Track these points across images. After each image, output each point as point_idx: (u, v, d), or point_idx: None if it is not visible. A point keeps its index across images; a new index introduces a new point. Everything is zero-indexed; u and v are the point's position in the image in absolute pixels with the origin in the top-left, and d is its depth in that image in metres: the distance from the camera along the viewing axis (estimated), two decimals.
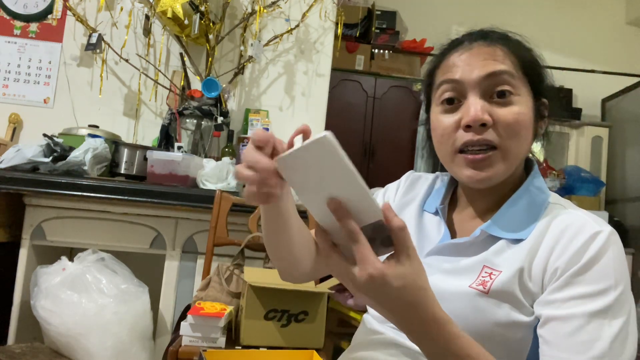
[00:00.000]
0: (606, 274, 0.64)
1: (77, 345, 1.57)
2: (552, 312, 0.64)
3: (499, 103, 0.70)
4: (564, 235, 0.67)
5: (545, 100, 0.76)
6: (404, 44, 3.76)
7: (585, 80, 3.69)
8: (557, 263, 0.66)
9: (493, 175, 0.71)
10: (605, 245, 0.65)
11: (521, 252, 0.69)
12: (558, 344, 0.63)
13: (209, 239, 1.70)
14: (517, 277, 0.67)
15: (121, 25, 2.42)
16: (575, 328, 0.62)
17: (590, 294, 0.63)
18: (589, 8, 4.07)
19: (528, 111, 0.72)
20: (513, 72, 0.71)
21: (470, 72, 0.71)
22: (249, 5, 2.47)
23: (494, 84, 0.70)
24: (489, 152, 0.70)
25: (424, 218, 0.83)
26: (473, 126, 0.69)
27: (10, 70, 2.42)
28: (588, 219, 0.68)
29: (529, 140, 0.73)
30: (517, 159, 0.72)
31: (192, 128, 2.25)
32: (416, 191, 0.88)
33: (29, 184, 1.74)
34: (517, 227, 0.71)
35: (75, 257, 1.70)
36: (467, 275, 0.71)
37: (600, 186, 3.45)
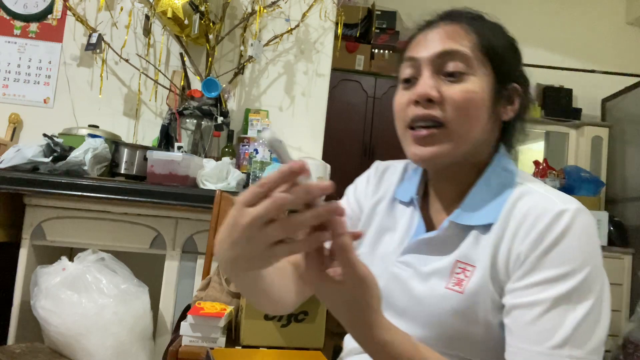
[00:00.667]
0: (570, 255, 0.61)
1: (77, 345, 1.57)
2: (514, 300, 0.62)
3: (451, 81, 0.69)
4: (526, 219, 0.65)
5: (516, 85, 0.73)
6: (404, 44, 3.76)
7: (585, 80, 3.69)
8: (520, 248, 0.64)
9: (437, 152, 0.69)
10: (569, 224, 0.62)
11: (490, 241, 0.67)
12: (519, 334, 0.61)
13: (209, 239, 1.70)
14: (489, 270, 0.66)
15: (121, 25, 2.42)
16: (536, 316, 0.60)
17: (553, 279, 0.60)
18: (589, 8, 4.07)
19: (481, 91, 0.69)
20: (467, 53, 0.69)
21: (426, 50, 0.71)
22: (249, 5, 2.47)
23: (445, 62, 0.69)
24: (434, 129, 0.69)
25: (397, 210, 0.81)
26: (420, 101, 0.69)
27: (10, 70, 2.42)
28: (553, 198, 0.65)
29: (481, 121, 0.70)
30: (465, 139, 0.69)
31: (192, 128, 2.25)
32: (387, 184, 0.85)
33: (29, 184, 1.74)
34: (485, 213, 0.69)
35: (75, 257, 1.70)
36: (442, 275, 0.69)
37: (600, 186, 3.45)
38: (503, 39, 0.74)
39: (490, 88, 0.70)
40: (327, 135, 2.55)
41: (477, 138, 0.70)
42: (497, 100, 0.71)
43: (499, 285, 0.65)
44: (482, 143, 0.72)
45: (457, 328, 0.66)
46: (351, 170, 4.28)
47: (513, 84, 0.73)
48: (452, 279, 0.68)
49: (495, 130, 0.74)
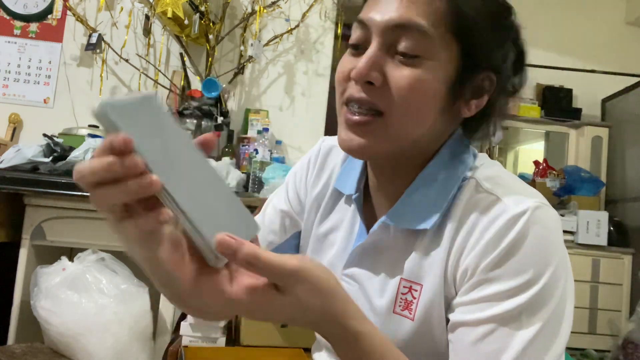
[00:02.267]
0: (525, 265, 0.51)
1: (77, 345, 1.57)
2: (458, 316, 0.54)
3: (401, 62, 0.55)
4: (477, 225, 0.55)
5: (489, 75, 0.58)
6: None
7: (585, 80, 3.69)
8: (467, 260, 0.54)
9: (367, 145, 0.56)
10: (524, 230, 0.52)
11: (439, 250, 0.57)
12: (461, 353, 0.53)
13: None
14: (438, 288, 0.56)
15: (121, 25, 2.42)
16: (480, 336, 0.51)
17: (503, 293, 0.51)
18: (589, 8, 4.07)
19: (435, 81, 0.55)
20: (427, 29, 0.53)
21: (380, 15, 0.55)
22: (249, 5, 2.47)
23: (397, 37, 0.54)
24: (369, 116, 0.56)
25: (339, 205, 0.69)
26: (359, 81, 0.56)
27: (10, 70, 2.42)
28: (506, 200, 0.54)
29: (428, 116, 0.56)
30: (404, 134, 0.57)
31: (192, 128, 2.25)
32: (329, 170, 0.72)
33: (29, 184, 1.74)
34: (424, 214, 0.58)
35: (75, 257, 1.70)
36: (388, 295, 0.60)
37: (600, 186, 3.45)
38: (488, 10, 0.57)
39: (450, 78, 0.56)
40: (327, 135, 2.54)
41: (420, 134, 0.57)
42: (458, 92, 0.57)
43: (447, 302, 0.56)
44: (430, 140, 0.60)
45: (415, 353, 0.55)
46: None
47: (486, 73, 0.58)
48: (399, 302, 0.59)
49: (449, 127, 0.61)
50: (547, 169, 3.50)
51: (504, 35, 0.59)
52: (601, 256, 2.96)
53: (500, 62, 0.59)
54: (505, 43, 0.60)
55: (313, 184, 0.72)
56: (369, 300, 0.61)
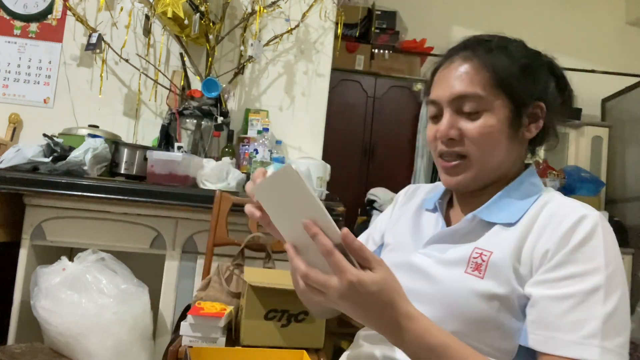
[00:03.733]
0: (596, 254, 0.66)
1: (77, 345, 1.57)
2: (543, 291, 0.66)
3: (468, 118, 0.77)
4: (553, 219, 0.71)
5: (539, 104, 0.78)
6: (404, 44, 3.76)
7: (585, 80, 3.68)
8: (546, 245, 0.69)
9: (463, 180, 0.79)
10: (593, 227, 0.68)
11: (512, 235, 0.73)
12: (549, 323, 0.64)
13: (209, 239, 1.70)
14: (509, 259, 0.70)
15: (121, 25, 2.42)
16: (568, 307, 0.64)
17: (582, 273, 0.65)
18: (589, 8, 4.07)
19: (497, 123, 0.76)
20: (480, 94, 0.75)
21: (443, 92, 0.78)
22: (249, 5, 2.47)
23: (461, 103, 0.76)
24: (458, 160, 0.78)
25: (423, 216, 0.88)
26: (444, 139, 0.78)
27: (10, 70, 2.42)
28: (577, 204, 0.73)
29: (500, 148, 0.77)
30: (486, 166, 0.77)
31: (192, 128, 2.25)
32: (415, 199, 0.94)
33: (29, 184, 1.74)
34: (508, 213, 0.76)
35: (75, 257, 1.70)
36: (461, 261, 0.74)
37: (600, 186, 3.45)
38: (519, 64, 0.77)
39: (508, 116, 0.76)
40: (327, 135, 2.55)
41: (499, 162, 0.78)
42: (517, 124, 0.77)
43: (519, 277, 0.70)
44: (508, 163, 0.79)
45: (472, 312, 0.70)
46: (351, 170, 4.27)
47: (534, 104, 0.78)
48: (471, 265, 0.73)
49: (521, 148, 0.81)
50: (547, 169, 3.50)
51: (537, 73, 0.79)
52: None
53: (542, 93, 0.79)
54: (541, 78, 0.80)
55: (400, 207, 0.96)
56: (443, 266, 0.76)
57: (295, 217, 0.59)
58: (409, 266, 0.80)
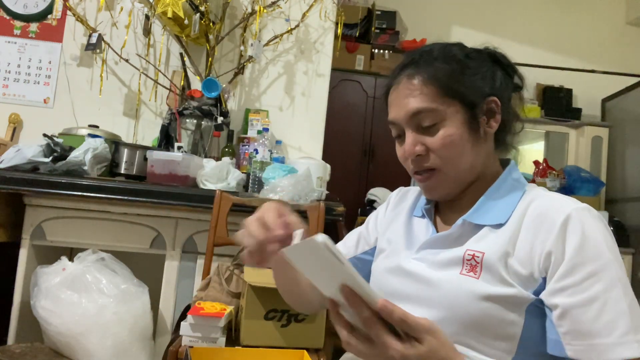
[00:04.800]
0: (600, 248, 0.68)
1: (77, 345, 1.57)
2: (567, 299, 0.67)
3: (428, 132, 0.78)
4: (543, 219, 0.72)
5: (491, 99, 0.80)
6: (404, 44, 3.76)
7: (585, 80, 3.69)
8: (546, 247, 0.70)
9: (440, 190, 0.82)
10: (587, 220, 0.70)
11: (503, 235, 0.74)
12: (585, 331, 0.65)
13: (209, 239, 1.70)
14: (502, 259, 0.72)
15: (121, 25, 2.42)
16: (597, 311, 0.65)
17: (596, 272, 0.66)
18: (589, 8, 4.07)
19: (456, 130, 0.77)
20: (432, 106, 0.77)
21: (398, 112, 0.81)
22: (249, 5, 2.47)
23: (418, 120, 0.78)
24: (430, 173, 0.80)
25: (413, 223, 0.90)
26: (412, 158, 0.80)
27: (10, 70, 2.42)
28: (562, 200, 0.74)
29: (467, 152, 0.78)
30: (459, 172, 0.79)
31: (192, 128, 2.25)
32: (405, 203, 0.95)
33: (29, 184, 1.74)
34: (496, 214, 0.77)
35: (75, 257, 1.70)
36: (455, 263, 0.75)
37: (600, 186, 3.46)
38: (461, 67, 0.79)
39: (465, 120, 0.78)
40: (327, 135, 2.55)
41: (470, 165, 0.80)
42: (476, 125, 0.79)
43: (516, 275, 0.71)
44: (479, 163, 0.81)
45: (471, 313, 0.71)
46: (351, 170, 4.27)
47: (487, 100, 0.80)
48: (465, 266, 0.74)
49: (489, 144, 0.82)
50: (547, 169, 3.51)
51: (482, 71, 0.80)
52: None
53: (491, 87, 0.80)
54: (487, 74, 0.80)
55: (392, 210, 0.97)
56: (437, 269, 0.77)
57: (331, 280, 0.58)
58: (405, 272, 0.81)
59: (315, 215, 1.69)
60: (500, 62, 0.84)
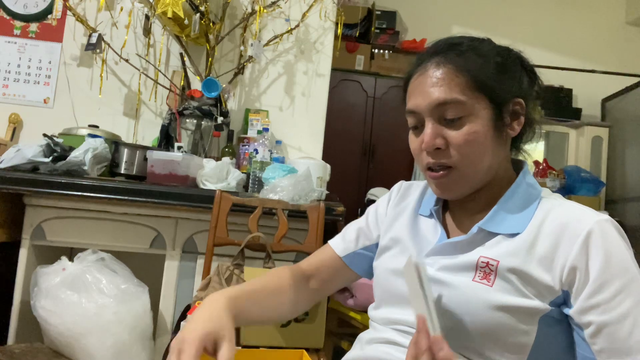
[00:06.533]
0: (626, 262, 0.66)
1: (77, 345, 1.57)
2: (599, 317, 0.65)
3: (451, 126, 0.74)
4: (565, 230, 0.69)
5: (517, 100, 0.77)
6: (404, 44, 3.76)
7: (585, 80, 3.69)
8: (571, 261, 0.67)
9: (454, 190, 0.78)
10: (610, 232, 0.68)
11: (520, 244, 0.71)
12: (619, 350, 0.64)
13: (209, 239, 1.70)
14: (517, 268, 0.70)
15: (121, 25, 2.42)
16: (629, 327, 0.64)
17: (624, 287, 0.65)
18: (589, 8, 4.07)
19: (482, 127, 0.74)
20: (460, 99, 0.73)
21: (422, 101, 0.76)
22: (249, 5, 2.47)
23: (443, 111, 0.74)
24: (447, 170, 0.76)
25: (420, 222, 0.87)
26: (429, 151, 0.76)
27: (10, 70, 2.42)
28: (582, 211, 0.72)
29: (487, 152, 0.75)
30: (475, 172, 0.76)
31: (192, 128, 2.25)
32: (409, 199, 0.92)
33: (29, 184, 1.74)
34: (513, 222, 0.74)
35: (75, 257, 1.70)
36: (468, 270, 0.73)
37: (600, 186, 3.45)
38: (493, 63, 0.76)
39: (491, 118, 0.75)
40: (327, 135, 2.55)
41: (488, 166, 0.76)
42: (501, 125, 0.76)
43: (532, 285, 0.69)
44: (496, 165, 0.78)
45: (483, 320, 0.69)
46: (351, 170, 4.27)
47: (513, 100, 0.77)
48: (479, 273, 0.72)
49: (507, 147, 0.80)
50: (547, 169, 3.50)
51: (512, 70, 0.77)
52: None
53: (518, 89, 0.77)
54: (516, 74, 0.78)
55: (394, 206, 0.93)
56: (450, 273, 0.75)
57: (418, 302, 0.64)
58: None
59: (315, 215, 1.69)
60: (525, 65, 0.81)
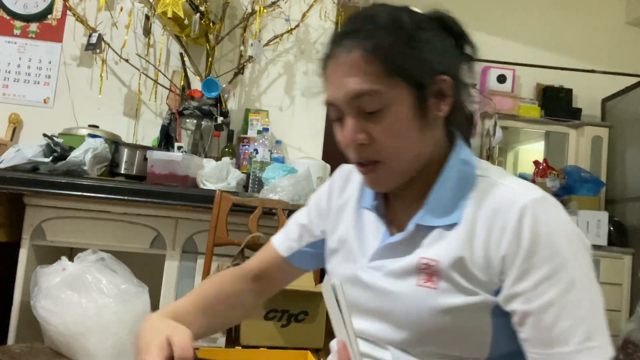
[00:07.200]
0: (554, 247, 0.61)
1: (77, 345, 1.57)
2: (522, 306, 0.62)
3: (372, 119, 0.67)
4: (497, 216, 0.65)
5: (441, 77, 0.68)
6: None
7: (585, 80, 3.69)
8: (501, 250, 0.63)
9: (385, 183, 0.72)
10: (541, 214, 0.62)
11: (457, 238, 0.67)
12: (542, 340, 0.61)
13: (209, 239, 1.70)
14: (457, 265, 0.65)
15: (121, 25, 2.42)
16: (553, 317, 0.60)
17: (550, 274, 0.61)
18: (589, 8, 4.07)
19: (404, 116, 0.67)
20: (375, 88, 0.65)
21: (337, 93, 0.69)
22: (249, 5, 2.47)
23: (360, 103, 0.67)
24: (374, 165, 0.69)
25: (364, 217, 0.80)
26: (353, 146, 0.69)
27: (10, 70, 2.42)
28: (517, 189, 0.66)
29: (415, 140, 0.68)
30: (404, 162, 0.69)
31: (192, 128, 2.25)
32: (351, 188, 0.84)
33: (29, 184, 1.74)
34: (448, 211, 0.69)
35: (75, 257, 1.70)
36: (411, 274, 0.69)
37: (600, 186, 3.45)
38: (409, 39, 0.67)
39: (413, 104, 0.67)
40: (327, 135, 2.55)
41: (417, 154, 0.70)
42: (426, 107, 0.68)
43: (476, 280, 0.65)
44: (427, 150, 0.71)
45: (434, 324, 0.66)
46: None
47: (437, 79, 0.68)
48: (422, 276, 0.68)
49: (438, 129, 0.72)
50: (547, 169, 3.50)
51: (432, 42, 0.68)
52: (601, 256, 2.96)
53: (441, 63, 0.68)
54: (437, 46, 0.68)
55: (337, 196, 0.86)
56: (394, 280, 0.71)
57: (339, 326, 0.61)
58: (362, 284, 0.74)
59: None
60: (452, 29, 0.71)
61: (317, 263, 0.90)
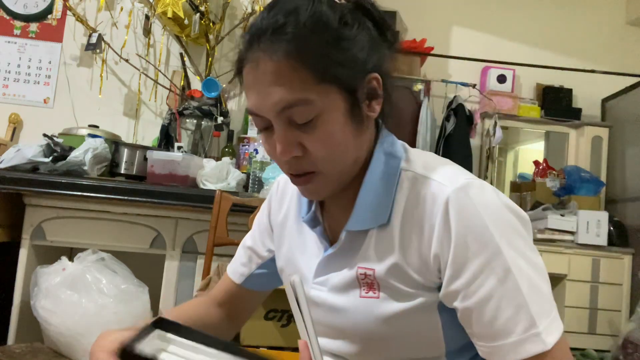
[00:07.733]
0: (483, 236, 0.58)
1: (77, 345, 1.57)
2: (462, 303, 0.60)
3: (304, 129, 0.61)
4: (424, 215, 0.62)
5: (371, 76, 0.64)
6: (404, 44, 3.76)
7: (585, 80, 3.69)
8: (433, 248, 0.61)
9: (322, 192, 0.67)
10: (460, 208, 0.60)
11: (389, 240, 0.65)
12: (485, 334, 0.59)
13: (209, 239, 1.70)
14: (393, 272, 0.64)
15: (121, 25, 2.42)
16: (493, 311, 0.58)
17: (483, 267, 0.58)
18: (589, 8, 4.07)
19: (338, 123, 0.62)
20: (305, 97, 0.59)
21: (261, 103, 0.61)
22: (249, 5, 2.47)
23: (290, 114, 0.60)
24: (310, 175, 0.65)
25: (305, 230, 0.76)
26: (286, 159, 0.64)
27: (10, 70, 2.42)
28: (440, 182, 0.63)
29: (349, 145, 0.64)
30: (342, 169, 0.65)
31: (192, 128, 2.25)
32: (288, 200, 0.81)
33: (29, 184, 1.74)
34: (375, 213, 0.66)
35: (75, 257, 1.70)
36: (354, 286, 0.67)
37: (600, 186, 3.45)
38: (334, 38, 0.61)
39: (345, 108, 0.62)
40: None
41: (353, 159, 0.66)
42: (358, 111, 0.63)
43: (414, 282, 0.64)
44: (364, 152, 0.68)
45: (384, 332, 0.65)
46: None
47: (367, 78, 0.64)
48: (363, 287, 0.66)
49: (370, 130, 0.68)
50: (547, 169, 3.50)
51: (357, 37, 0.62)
52: (601, 256, 2.96)
53: (369, 60, 0.63)
54: (362, 40, 0.63)
55: (277, 211, 0.82)
56: (339, 294, 0.69)
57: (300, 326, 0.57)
58: (312, 302, 0.72)
59: None
60: (372, 15, 0.66)
61: (274, 282, 0.88)
